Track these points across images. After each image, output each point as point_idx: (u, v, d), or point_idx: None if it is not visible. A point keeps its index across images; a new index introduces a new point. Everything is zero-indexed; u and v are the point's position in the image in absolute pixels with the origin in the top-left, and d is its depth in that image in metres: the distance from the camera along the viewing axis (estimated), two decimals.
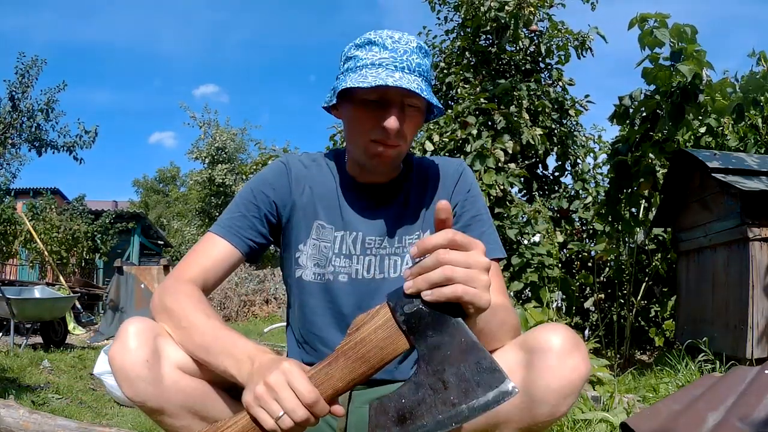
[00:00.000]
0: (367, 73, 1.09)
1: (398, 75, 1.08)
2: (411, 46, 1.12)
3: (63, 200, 16.77)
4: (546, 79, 7.58)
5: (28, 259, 11.99)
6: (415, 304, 0.77)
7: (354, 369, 0.81)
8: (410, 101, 1.12)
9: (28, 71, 11.04)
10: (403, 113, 1.12)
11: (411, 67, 1.10)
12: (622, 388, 2.99)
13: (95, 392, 3.61)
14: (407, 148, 1.19)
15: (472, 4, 6.94)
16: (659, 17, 4.39)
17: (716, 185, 4.20)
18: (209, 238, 1.18)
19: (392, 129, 1.10)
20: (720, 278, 4.23)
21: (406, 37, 1.13)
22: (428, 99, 1.10)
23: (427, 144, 6.00)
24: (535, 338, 0.95)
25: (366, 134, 1.14)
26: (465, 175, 1.27)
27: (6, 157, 11.68)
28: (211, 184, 16.99)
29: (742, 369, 1.98)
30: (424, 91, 1.09)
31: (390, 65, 1.09)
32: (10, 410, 2.25)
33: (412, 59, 1.11)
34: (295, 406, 0.78)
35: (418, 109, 1.15)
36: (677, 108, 4.31)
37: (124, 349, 0.94)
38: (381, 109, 1.11)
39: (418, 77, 1.11)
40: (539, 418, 0.94)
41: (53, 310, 5.50)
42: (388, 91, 1.09)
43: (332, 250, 1.21)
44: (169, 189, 36.26)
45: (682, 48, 4.24)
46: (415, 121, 1.16)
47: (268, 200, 1.21)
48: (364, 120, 1.14)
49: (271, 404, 0.79)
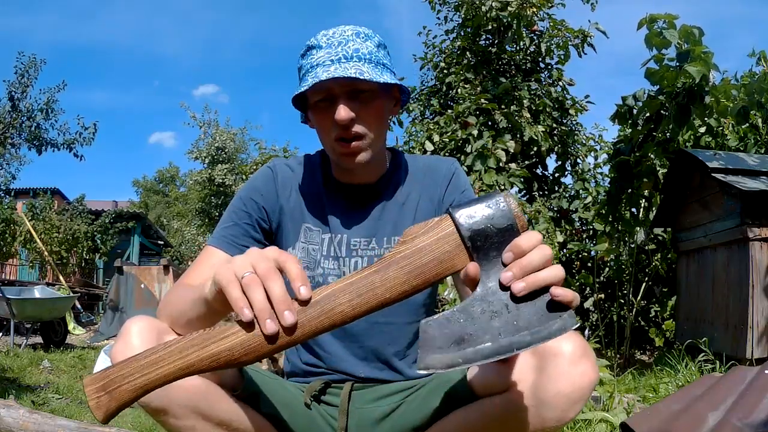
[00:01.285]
0: (308, 77, 1.09)
1: (333, 68, 1.07)
2: (346, 36, 1.11)
3: (63, 200, 16.77)
4: (546, 79, 7.58)
5: (28, 259, 11.99)
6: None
7: (407, 281, 0.74)
8: (357, 88, 1.09)
9: (27, 71, 11.03)
10: (355, 102, 1.10)
11: (348, 56, 1.09)
12: (622, 388, 2.99)
13: None
14: (379, 137, 1.16)
15: (473, 4, 6.94)
16: (668, 18, 4.40)
17: (716, 185, 4.20)
18: (206, 251, 1.18)
19: (343, 120, 1.08)
20: (720, 278, 4.24)
21: (340, 29, 1.12)
22: (371, 79, 1.06)
23: (427, 144, 6.01)
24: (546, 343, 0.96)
25: (328, 136, 1.14)
26: (458, 175, 1.26)
27: (6, 157, 11.67)
28: (211, 184, 16.98)
29: (742, 369, 1.98)
30: (366, 73, 1.06)
31: (326, 61, 1.09)
32: (10, 410, 2.25)
33: (348, 48, 1.09)
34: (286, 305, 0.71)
35: (373, 93, 1.12)
36: (683, 109, 4.32)
37: (127, 348, 0.93)
38: (331, 107, 1.10)
39: (358, 62, 1.09)
40: (548, 423, 0.94)
41: (53, 310, 5.51)
42: (329, 87, 1.08)
43: (320, 253, 1.21)
44: (168, 189, 36.28)
45: (690, 49, 4.25)
46: (376, 106, 1.13)
47: (257, 206, 1.21)
48: (322, 123, 1.14)
49: (255, 291, 0.71)
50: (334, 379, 1.20)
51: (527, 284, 0.70)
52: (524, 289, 0.70)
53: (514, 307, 0.72)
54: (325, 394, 1.19)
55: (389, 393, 1.18)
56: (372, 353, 1.19)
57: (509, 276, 0.71)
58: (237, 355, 0.71)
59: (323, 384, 1.19)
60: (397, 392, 1.17)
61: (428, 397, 1.11)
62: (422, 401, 1.11)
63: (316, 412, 1.16)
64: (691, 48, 4.24)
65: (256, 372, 1.12)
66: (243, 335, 0.71)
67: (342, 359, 1.19)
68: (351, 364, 1.19)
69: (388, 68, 1.15)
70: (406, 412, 1.13)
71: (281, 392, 1.14)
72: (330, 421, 1.17)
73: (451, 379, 1.07)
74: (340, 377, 1.20)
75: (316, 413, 1.16)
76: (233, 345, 0.71)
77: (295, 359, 1.25)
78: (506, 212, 0.73)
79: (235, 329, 0.72)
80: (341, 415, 1.15)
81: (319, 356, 1.21)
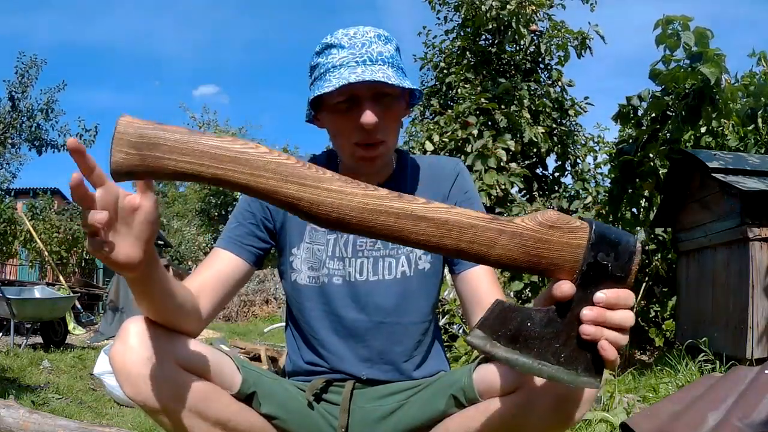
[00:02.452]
0: (331, 77, 1.07)
1: (360, 70, 1.06)
2: (368, 37, 1.10)
3: (63, 200, 16.75)
4: (546, 79, 7.59)
5: (28, 259, 11.98)
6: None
7: (513, 251, 0.73)
8: (382, 91, 1.09)
9: (27, 71, 11.04)
10: (378, 106, 1.09)
11: (372, 58, 1.08)
12: (622, 388, 2.99)
13: (95, 392, 3.60)
14: (394, 141, 1.16)
15: (473, 4, 6.94)
16: (683, 20, 4.42)
17: (716, 185, 4.20)
18: (213, 252, 1.19)
19: (369, 124, 1.07)
20: (720, 278, 4.23)
21: (362, 30, 1.11)
22: (398, 85, 1.06)
23: (427, 144, 6.00)
24: None
25: (348, 139, 1.12)
26: (462, 175, 1.26)
27: (5, 157, 11.66)
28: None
29: (742, 369, 1.98)
30: (392, 78, 1.05)
31: (351, 62, 1.07)
32: (10, 410, 2.25)
33: (372, 50, 1.08)
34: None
35: (394, 98, 1.11)
36: (693, 110, 4.32)
37: (125, 348, 0.94)
38: (354, 109, 1.09)
39: (383, 65, 1.08)
40: (553, 426, 0.95)
41: (53, 310, 5.50)
42: (355, 89, 1.07)
43: (326, 253, 1.21)
44: (167, 189, 36.25)
45: (704, 51, 4.25)
46: (396, 111, 1.13)
47: (261, 206, 1.21)
48: (341, 126, 1.12)
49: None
50: (336, 378, 1.20)
51: (593, 334, 0.72)
52: (590, 335, 0.72)
53: (571, 343, 0.73)
54: (326, 393, 1.19)
55: (391, 392, 1.17)
56: (377, 354, 1.19)
57: (589, 315, 0.72)
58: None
59: (325, 382, 1.18)
60: (400, 392, 1.17)
61: (433, 397, 1.10)
62: (426, 401, 1.11)
63: (316, 411, 1.16)
64: (704, 49, 4.25)
65: (256, 372, 1.11)
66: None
67: (345, 360, 1.19)
68: (354, 365, 1.19)
69: (404, 72, 1.15)
70: (409, 411, 1.13)
71: (281, 392, 1.14)
72: (330, 420, 1.16)
73: (457, 380, 1.07)
74: (342, 377, 1.19)
75: (316, 413, 1.16)
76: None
77: (297, 358, 1.25)
78: (630, 263, 0.73)
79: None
80: (342, 414, 1.14)
81: (321, 356, 1.21)
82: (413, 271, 1.19)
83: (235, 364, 1.07)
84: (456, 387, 1.06)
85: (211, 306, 1.09)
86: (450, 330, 4.12)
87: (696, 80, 4.24)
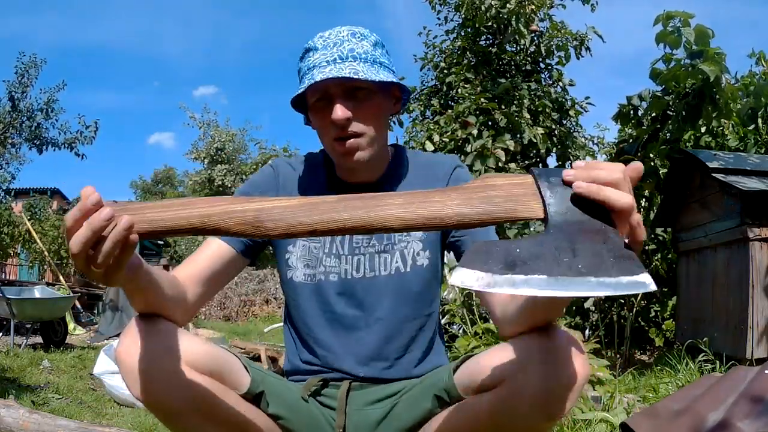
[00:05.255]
0: (305, 78, 1.11)
1: (329, 68, 1.08)
2: (341, 36, 1.12)
3: (63, 200, 16.76)
4: (546, 79, 7.58)
5: (28, 259, 11.98)
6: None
7: (469, 204, 0.71)
8: (353, 86, 1.10)
9: (27, 71, 11.02)
10: (351, 101, 1.11)
11: (343, 56, 1.10)
12: (622, 388, 2.99)
13: (95, 392, 3.60)
14: (377, 134, 1.16)
15: (473, 4, 6.94)
16: (684, 16, 4.38)
17: (716, 185, 4.20)
18: (205, 241, 1.20)
19: (339, 119, 1.09)
20: (720, 278, 4.24)
21: (336, 30, 1.14)
22: (366, 78, 1.07)
23: (427, 144, 6.00)
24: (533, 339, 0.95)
25: (327, 136, 1.15)
26: (460, 172, 1.26)
27: (5, 157, 11.65)
28: (211, 185, 16.98)
29: (742, 369, 1.98)
30: (360, 72, 1.07)
31: (322, 62, 1.10)
32: (10, 410, 2.25)
33: (343, 48, 1.11)
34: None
35: (371, 92, 1.12)
36: (693, 109, 4.31)
37: (131, 347, 0.93)
38: (329, 107, 1.11)
39: (354, 61, 1.10)
40: (538, 420, 0.93)
41: (53, 310, 5.50)
42: (325, 87, 1.10)
43: (322, 250, 1.21)
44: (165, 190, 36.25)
45: (704, 49, 4.24)
46: (374, 104, 1.14)
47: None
48: (320, 124, 1.15)
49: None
50: (333, 377, 1.19)
51: (587, 188, 0.71)
52: (583, 189, 0.71)
53: (586, 253, 0.66)
54: (324, 390, 1.19)
55: (386, 395, 1.17)
56: (373, 351, 1.18)
57: (571, 174, 0.72)
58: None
59: (321, 381, 1.19)
60: (393, 394, 1.17)
61: (418, 398, 1.10)
62: (413, 403, 1.11)
63: (317, 411, 1.16)
64: (704, 48, 4.24)
65: (262, 372, 1.11)
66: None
67: (340, 358, 1.19)
68: (350, 363, 1.19)
69: (387, 67, 1.15)
70: (399, 414, 1.13)
71: (285, 392, 1.14)
72: (330, 420, 1.17)
73: (439, 379, 1.07)
74: (338, 375, 1.19)
75: (317, 413, 1.16)
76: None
77: (295, 358, 1.25)
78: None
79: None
80: (339, 414, 1.14)
81: (318, 354, 1.21)
82: (409, 267, 1.19)
83: (242, 363, 1.07)
84: (438, 387, 1.06)
85: (198, 296, 1.10)
86: (450, 330, 4.12)
87: (696, 79, 4.23)
